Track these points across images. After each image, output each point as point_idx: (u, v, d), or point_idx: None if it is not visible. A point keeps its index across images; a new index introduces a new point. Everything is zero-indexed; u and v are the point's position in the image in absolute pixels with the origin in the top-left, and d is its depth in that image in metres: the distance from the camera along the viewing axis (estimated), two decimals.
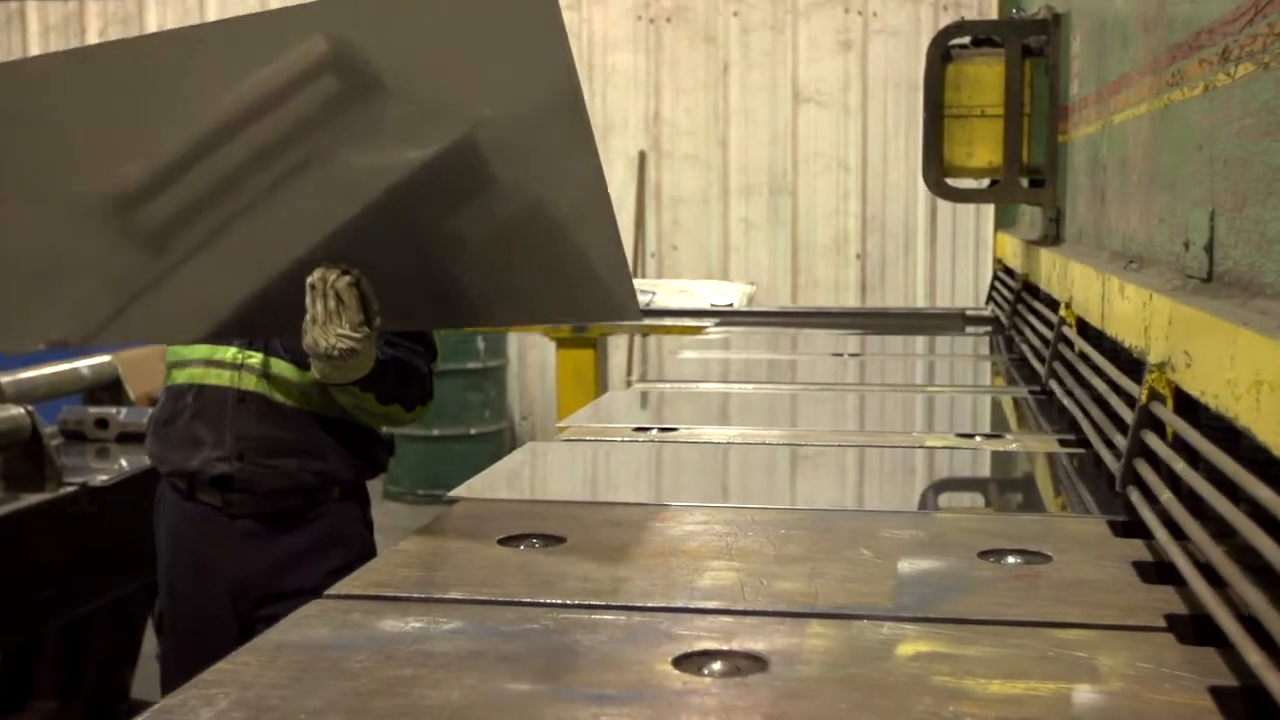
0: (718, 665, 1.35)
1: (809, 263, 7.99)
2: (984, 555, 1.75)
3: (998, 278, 5.27)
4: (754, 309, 5.74)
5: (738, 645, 1.40)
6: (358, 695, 1.28)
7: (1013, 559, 1.74)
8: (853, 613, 1.51)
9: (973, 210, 7.69)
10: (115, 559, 3.64)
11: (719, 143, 8.04)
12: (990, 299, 5.37)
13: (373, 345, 2.35)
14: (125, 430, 4.02)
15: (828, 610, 1.52)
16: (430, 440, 7.74)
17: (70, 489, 3.43)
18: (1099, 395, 2.36)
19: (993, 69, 3.80)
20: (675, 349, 4.26)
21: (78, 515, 3.46)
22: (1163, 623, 1.47)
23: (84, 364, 4.28)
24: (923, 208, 7.88)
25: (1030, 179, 3.90)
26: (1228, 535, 1.59)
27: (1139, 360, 2.19)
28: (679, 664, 1.35)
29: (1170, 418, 1.75)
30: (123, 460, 3.88)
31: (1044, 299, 3.67)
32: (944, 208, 7.82)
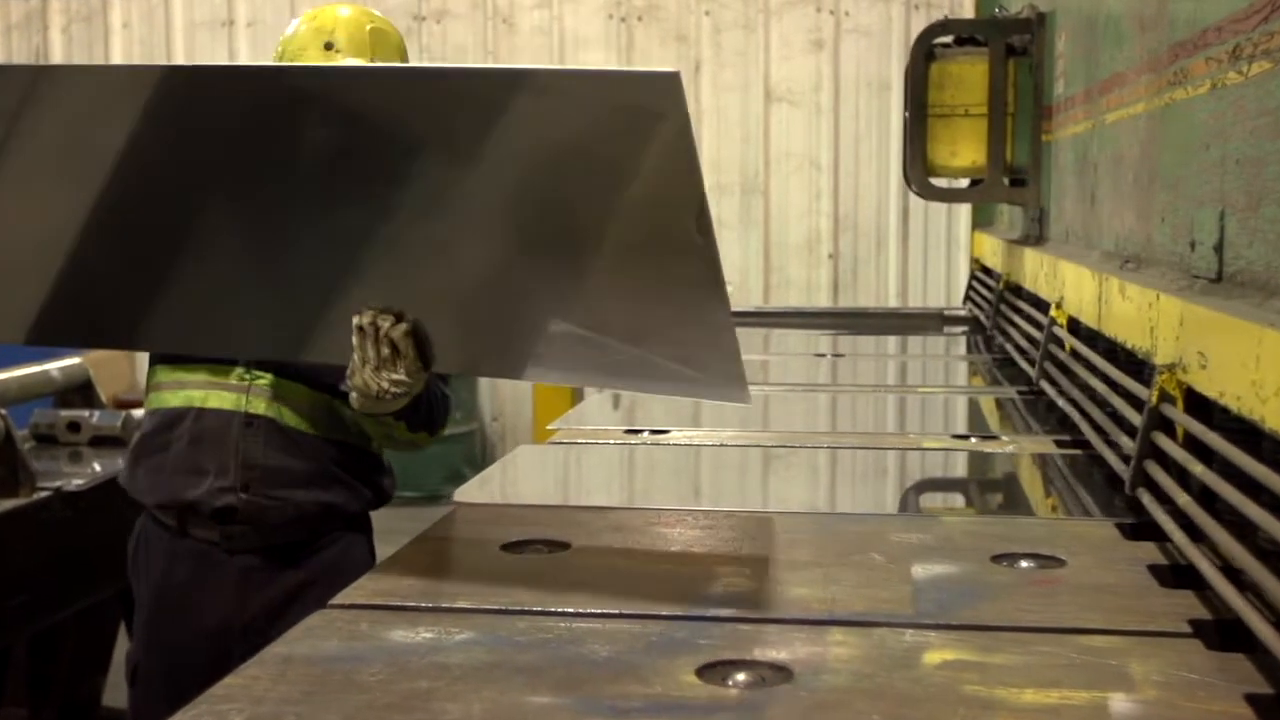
0: (742, 676, 1.32)
1: (781, 262, 7.98)
2: (997, 559, 1.73)
3: (975, 277, 5.27)
4: (733, 309, 5.71)
5: (760, 655, 1.37)
6: (374, 709, 1.24)
7: (1026, 563, 1.72)
8: (873, 620, 1.49)
9: (945, 209, 7.70)
10: (88, 565, 3.57)
11: None
12: (968, 298, 5.36)
13: (424, 384, 2.18)
14: (98, 434, 3.96)
15: (847, 617, 1.49)
16: None
17: (44, 494, 3.37)
18: (1100, 397, 2.34)
19: (976, 68, 3.79)
20: None
21: (51, 520, 3.40)
22: (1188, 628, 1.45)
23: (54, 366, 4.21)
24: (895, 207, 7.88)
25: (1011, 178, 3.89)
26: (1241, 539, 1.58)
27: (1141, 361, 2.18)
28: (702, 674, 1.32)
29: (1184, 419, 1.73)
30: (95, 464, 3.81)
31: (1028, 299, 3.66)
32: (916, 207, 7.82)
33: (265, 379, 2.48)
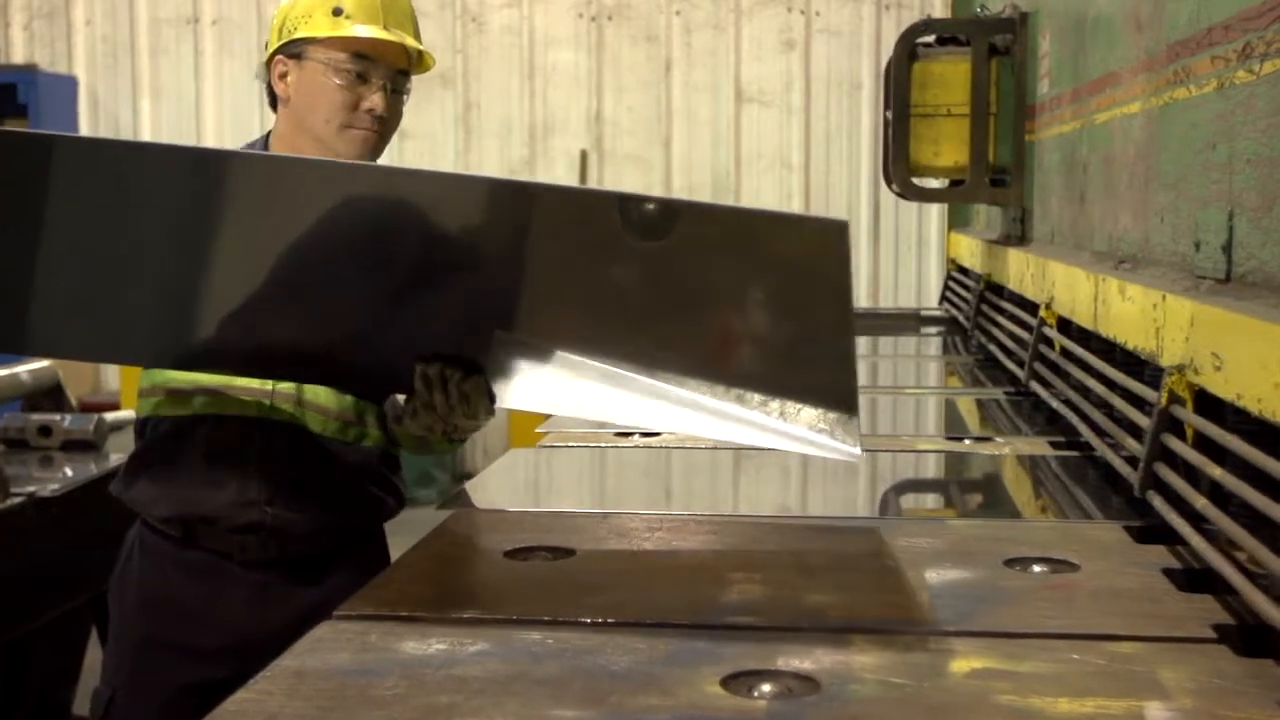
0: (768, 687, 1.29)
1: None
2: (1009, 564, 1.70)
3: (952, 277, 5.26)
4: None
5: (784, 665, 1.34)
6: None
7: (1039, 567, 1.70)
8: (893, 627, 1.46)
9: (915, 210, 7.71)
10: (61, 572, 3.50)
11: (661, 142, 7.99)
12: (944, 299, 5.36)
13: None
14: (70, 438, 3.88)
15: (867, 625, 1.47)
16: None
17: (18, 500, 3.30)
18: (1097, 398, 2.32)
19: (958, 68, 3.77)
20: None
21: (24, 527, 3.32)
22: (1212, 634, 1.43)
23: (23, 370, 4.13)
24: (865, 207, 7.89)
25: (991, 179, 3.88)
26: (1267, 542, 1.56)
27: (1140, 361, 2.17)
28: (727, 685, 1.29)
29: (1199, 422, 1.71)
30: (67, 469, 3.74)
31: (1012, 299, 3.65)
32: (886, 207, 7.83)
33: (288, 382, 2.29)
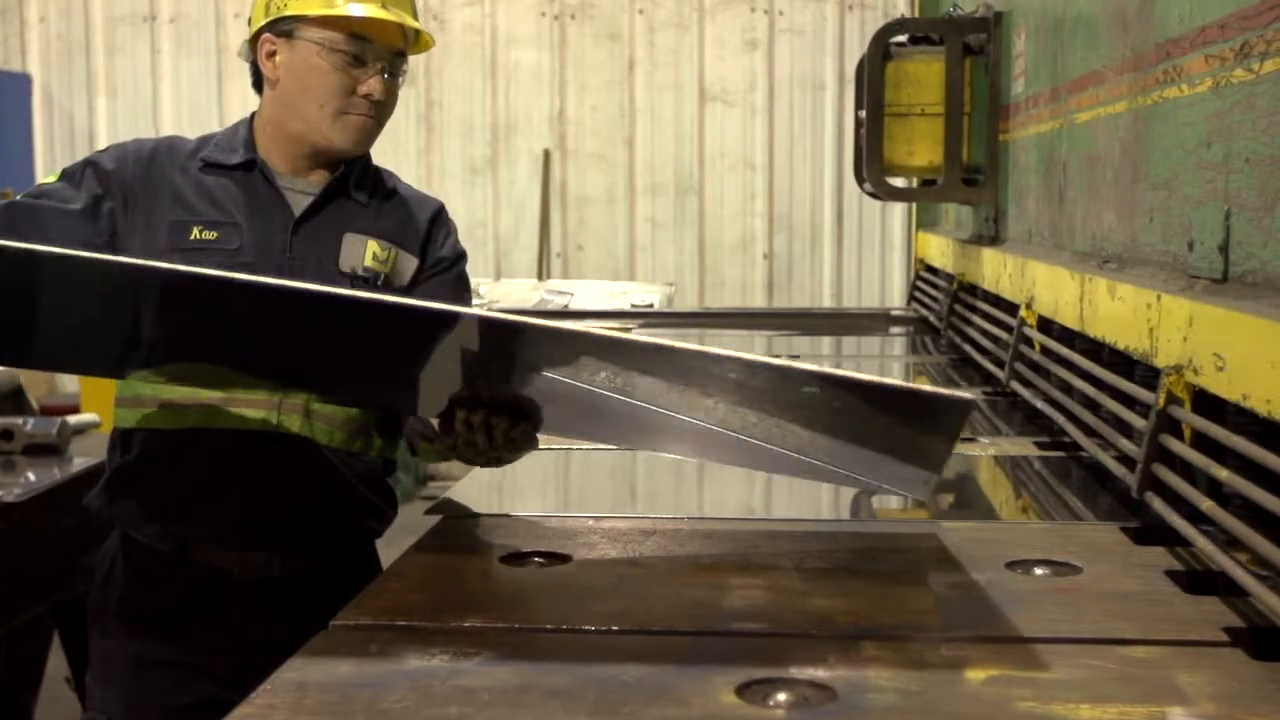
0: (783, 695, 1.26)
1: (716, 262, 7.95)
2: (1012, 566, 1.69)
3: (921, 277, 5.26)
4: (678, 310, 5.67)
5: (797, 673, 1.31)
6: None
7: (1041, 570, 1.68)
8: (904, 632, 1.44)
9: (878, 210, 7.71)
10: (24, 579, 3.43)
11: (625, 141, 7.95)
12: (912, 298, 5.36)
13: None
14: (32, 442, 3.80)
15: (876, 630, 1.44)
16: None
17: None
18: (1086, 399, 2.31)
19: (932, 67, 3.77)
20: None
21: None
22: (1225, 637, 1.42)
23: None
24: (829, 207, 7.89)
25: (964, 178, 3.88)
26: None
27: (1131, 361, 2.16)
28: (742, 694, 1.26)
29: (1202, 423, 1.70)
30: (30, 473, 3.66)
31: (986, 299, 3.65)
32: (850, 207, 7.84)
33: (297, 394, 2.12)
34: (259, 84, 2.21)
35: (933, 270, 5.05)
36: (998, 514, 2.14)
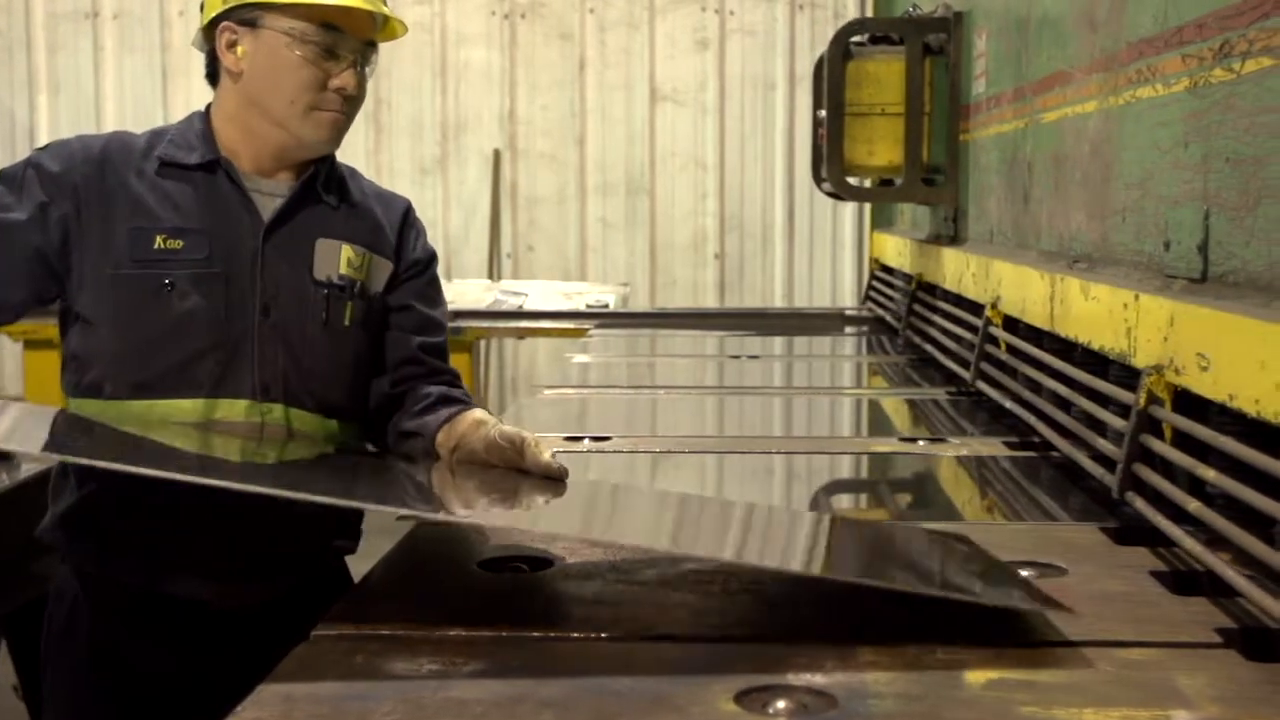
0: (783, 703, 1.24)
1: (667, 262, 7.92)
2: None
3: (876, 277, 5.27)
4: (635, 310, 5.65)
5: (795, 679, 1.29)
6: None
7: (1027, 572, 1.67)
8: (899, 637, 1.42)
9: (829, 210, 7.72)
10: None
11: (576, 141, 7.91)
12: (867, 298, 5.36)
13: None
14: None
15: (871, 635, 1.42)
16: None
17: None
18: (1059, 399, 2.31)
19: (892, 67, 3.77)
20: (553, 353, 4.14)
21: None
22: (1218, 638, 1.42)
23: None
24: (780, 207, 7.89)
25: (923, 178, 3.88)
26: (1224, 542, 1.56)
27: (1105, 361, 2.16)
28: (741, 702, 1.24)
29: (1186, 424, 1.70)
30: None
31: (947, 299, 3.65)
32: (801, 207, 7.84)
33: (277, 410, 2.00)
34: (214, 76, 2.05)
35: (889, 270, 5.06)
36: (974, 515, 2.14)
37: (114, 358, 1.97)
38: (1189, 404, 1.75)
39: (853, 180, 3.99)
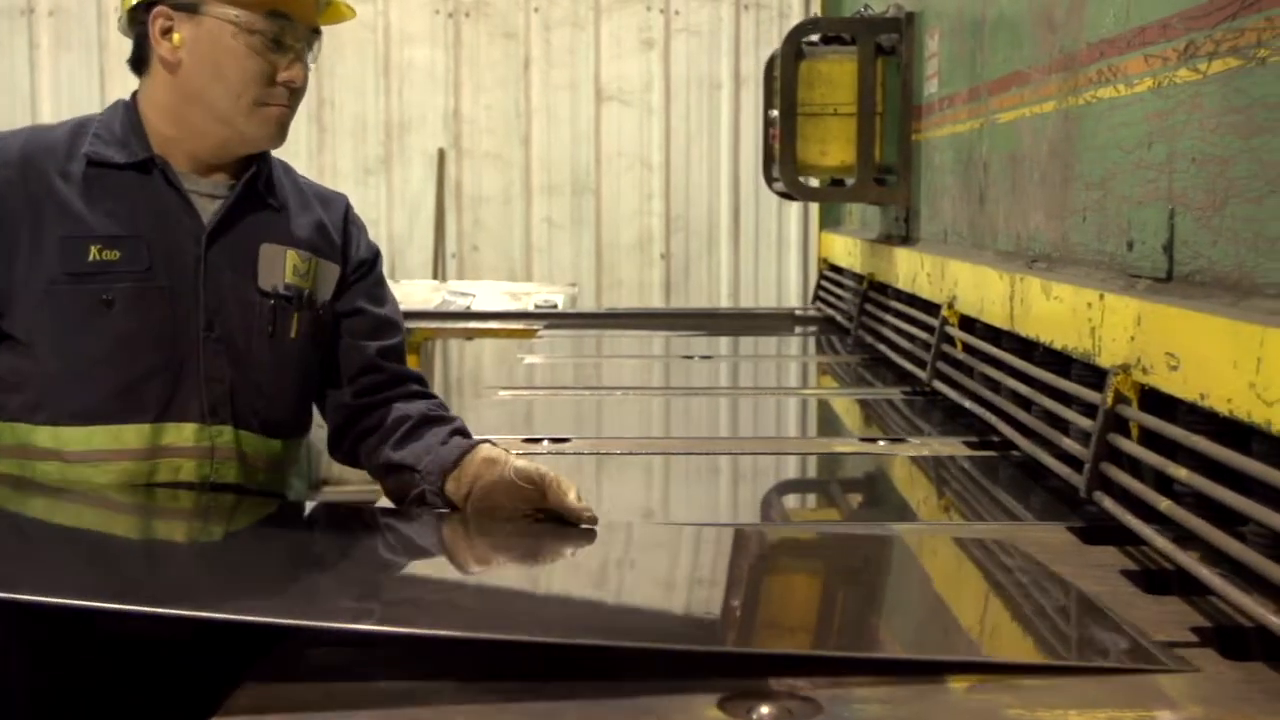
0: (766, 709, 1.23)
1: (613, 262, 7.90)
2: None
3: (825, 277, 5.28)
4: (584, 311, 5.62)
5: (778, 685, 1.28)
6: None
7: None
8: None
9: (774, 209, 7.73)
10: None
11: (521, 141, 7.87)
12: (817, 298, 5.37)
13: None
14: None
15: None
16: None
17: None
18: (1023, 397, 2.32)
19: (845, 67, 3.77)
20: (500, 354, 4.11)
21: None
22: (1194, 637, 1.42)
23: None
24: (726, 207, 7.89)
25: (875, 178, 3.89)
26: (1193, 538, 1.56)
27: (1067, 360, 2.16)
28: (724, 707, 1.22)
29: (1155, 423, 1.70)
30: None
31: (900, 298, 3.66)
32: (746, 207, 7.85)
33: (227, 434, 1.88)
34: (141, 62, 1.89)
35: (838, 270, 5.07)
36: (938, 515, 2.13)
37: (49, 381, 1.82)
38: (1156, 403, 1.75)
39: (804, 180, 3.99)
